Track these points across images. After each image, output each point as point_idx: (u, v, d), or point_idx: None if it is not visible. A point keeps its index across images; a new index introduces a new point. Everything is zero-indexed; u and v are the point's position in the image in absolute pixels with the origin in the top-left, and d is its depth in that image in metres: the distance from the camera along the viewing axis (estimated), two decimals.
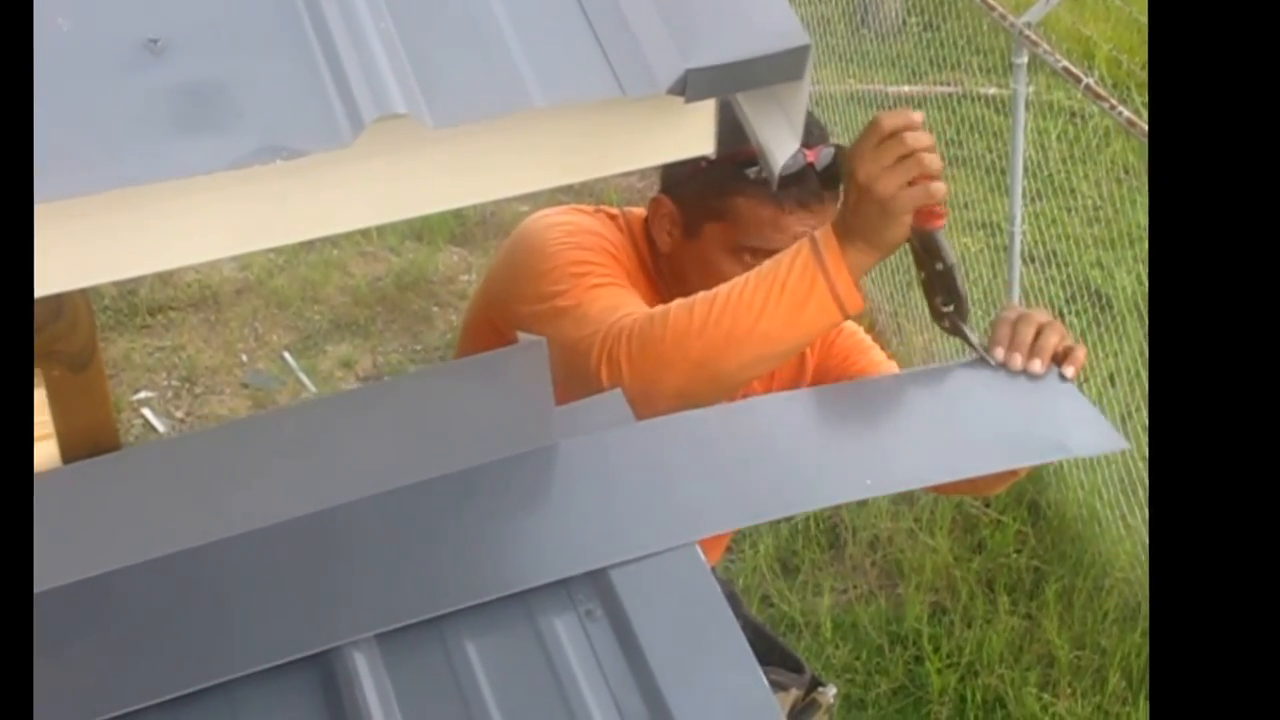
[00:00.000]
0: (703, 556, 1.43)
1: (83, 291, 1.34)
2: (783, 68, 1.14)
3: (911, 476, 1.66)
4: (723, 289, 1.75)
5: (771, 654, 2.44)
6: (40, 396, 1.31)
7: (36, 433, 1.31)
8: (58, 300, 1.31)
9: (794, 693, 2.39)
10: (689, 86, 1.12)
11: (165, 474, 1.40)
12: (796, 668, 2.43)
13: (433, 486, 1.47)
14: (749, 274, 1.75)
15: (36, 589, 1.32)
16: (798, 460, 1.61)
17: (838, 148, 1.98)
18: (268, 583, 1.39)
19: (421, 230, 5.24)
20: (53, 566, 1.34)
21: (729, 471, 1.57)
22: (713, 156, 1.26)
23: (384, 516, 1.44)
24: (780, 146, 1.20)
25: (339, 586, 1.40)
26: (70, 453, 1.36)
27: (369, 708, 1.27)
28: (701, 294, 1.77)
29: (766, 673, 2.35)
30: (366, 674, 1.30)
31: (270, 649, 1.32)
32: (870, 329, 4.86)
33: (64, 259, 1.10)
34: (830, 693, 2.42)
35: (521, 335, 1.44)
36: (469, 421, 1.48)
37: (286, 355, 4.81)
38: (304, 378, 4.69)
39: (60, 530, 1.35)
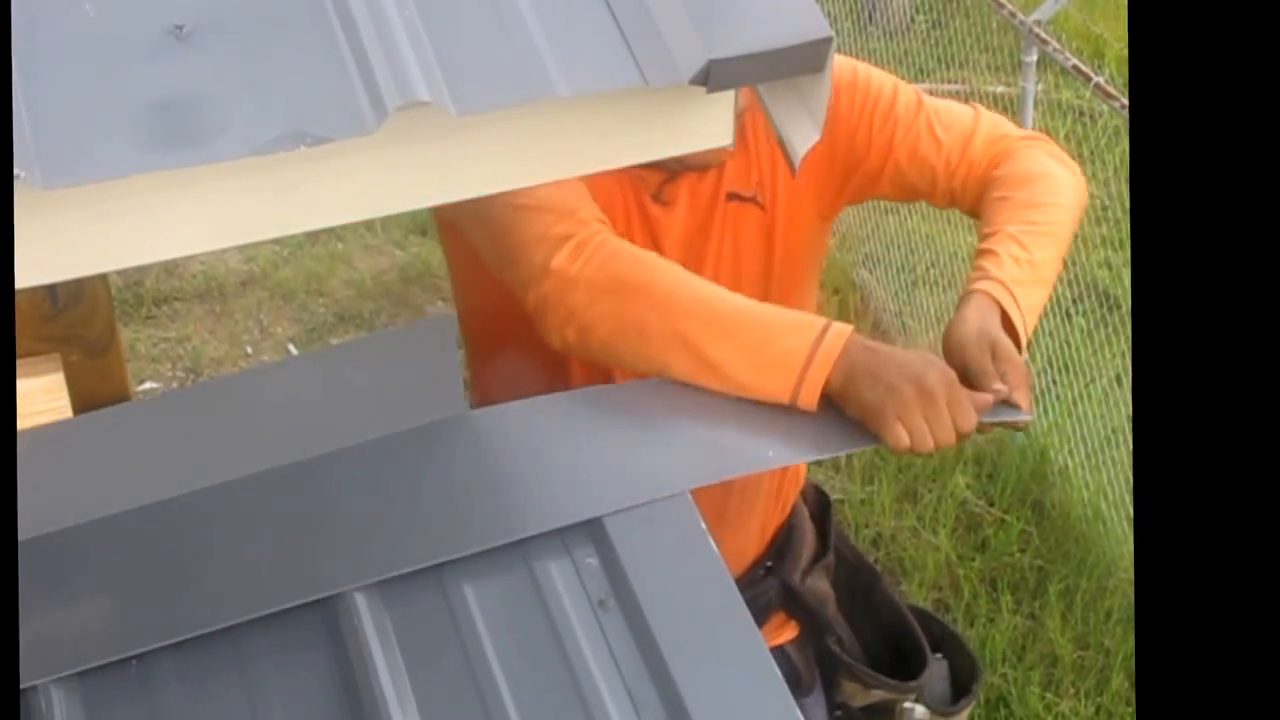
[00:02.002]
0: (693, 505, 1.47)
1: (102, 278, 1.35)
2: (805, 59, 1.15)
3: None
4: (707, 295, 1.74)
5: (901, 646, 2.29)
6: (59, 380, 1.32)
7: (56, 416, 1.32)
8: (77, 286, 1.31)
9: (876, 693, 2.25)
10: (711, 76, 1.12)
11: (144, 430, 1.41)
12: (910, 674, 2.24)
13: (406, 440, 1.51)
14: (739, 300, 1.74)
15: (39, 533, 1.33)
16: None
17: None
18: (267, 531, 1.42)
19: (426, 225, 5.23)
20: (52, 512, 1.35)
21: (709, 430, 1.67)
22: (731, 148, 1.26)
23: (366, 468, 1.48)
24: (801, 138, 1.20)
25: (337, 535, 1.43)
26: None
27: (370, 648, 1.31)
28: (680, 281, 1.75)
29: (851, 667, 2.21)
30: (368, 617, 1.33)
31: (274, 595, 1.35)
32: (874, 328, 4.88)
33: (81, 244, 1.10)
34: (916, 713, 2.25)
35: (430, 310, 1.48)
36: (380, 393, 1.52)
37: (291, 347, 4.81)
38: None
39: (58, 478, 1.36)
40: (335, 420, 1.46)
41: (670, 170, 2.00)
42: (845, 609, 2.34)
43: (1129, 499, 3.96)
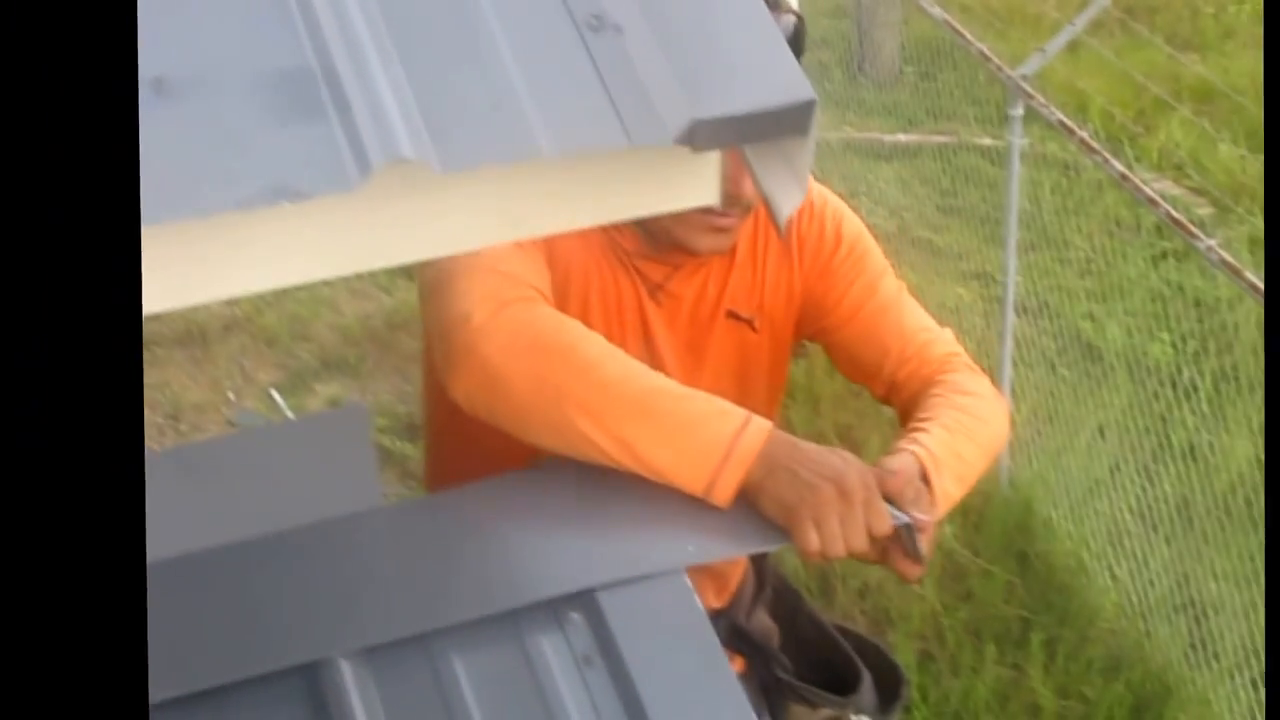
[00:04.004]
0: (689, 583, 1.48)
1: None
2: (789, 122, 1.14)
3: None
4: (630, 371, 1.68)
5: (832, 662, 2.33)
6: None
7: None
8: None
9: (823, 712, 2.29)
10: (696, 137, 1.12)
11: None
12: (845, 688, 2.27)
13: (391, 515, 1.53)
14: (663, 380, 1.69)
15: None
16: None
17: (798, 19, 1.86)
18: (250, 599, 1.42)
19: (412, 269, 5.24)
20: None
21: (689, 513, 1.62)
22: (719, 208, 1.26)
23: (349, 541, 1.49)
24: (786, 199, 1.20)
25: (321, 605, 1.42)
26: None
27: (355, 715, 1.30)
28: (606, 352, 1.69)
29: (797, 689, 2.26)
30: (353, 686, 1.33)
31: (257, 660, 1.34)
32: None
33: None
34: None
35: (347, 402, 1.51)
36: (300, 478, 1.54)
37: (274, 393, 4.79)
38: (291, 417, 4.67)
39: None
40: (265, 500, 1.47)
41: (673, 262, 2.02)
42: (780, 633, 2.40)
43: (1111, 550, 3.97)
